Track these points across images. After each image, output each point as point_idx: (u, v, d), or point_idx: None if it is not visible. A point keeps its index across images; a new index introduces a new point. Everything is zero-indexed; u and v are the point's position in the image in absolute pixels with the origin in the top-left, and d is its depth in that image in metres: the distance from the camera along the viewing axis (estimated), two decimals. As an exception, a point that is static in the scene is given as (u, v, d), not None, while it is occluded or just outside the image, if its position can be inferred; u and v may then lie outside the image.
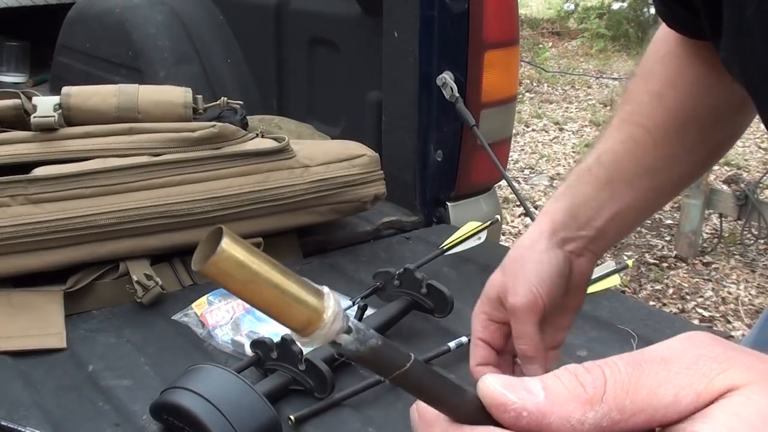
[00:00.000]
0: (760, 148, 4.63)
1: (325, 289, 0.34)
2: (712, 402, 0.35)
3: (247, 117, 1.57)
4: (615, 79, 6.18)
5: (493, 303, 0.78)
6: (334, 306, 0.34)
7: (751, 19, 0.55)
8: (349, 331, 0.34)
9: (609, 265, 1.41)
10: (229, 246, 0.32)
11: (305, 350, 1.08)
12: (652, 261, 3.40)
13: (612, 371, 0.36)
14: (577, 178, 0.80)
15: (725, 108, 0.80)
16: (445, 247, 1.45)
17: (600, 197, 0.78)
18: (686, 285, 3.22)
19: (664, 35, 0.83)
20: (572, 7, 8.22)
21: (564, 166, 4.55)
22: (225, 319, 1.23)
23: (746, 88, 0.63)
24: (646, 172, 0.79)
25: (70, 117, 1.40)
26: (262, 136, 1.50)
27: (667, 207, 3.91)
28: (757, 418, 0.34)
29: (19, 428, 0.95)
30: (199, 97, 1.48)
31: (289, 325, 0.34)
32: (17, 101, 1.38)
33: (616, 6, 7.45)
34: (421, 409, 0.42)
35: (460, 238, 1.47)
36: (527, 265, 0.76)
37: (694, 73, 0.80)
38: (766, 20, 0.54)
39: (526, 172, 4.48)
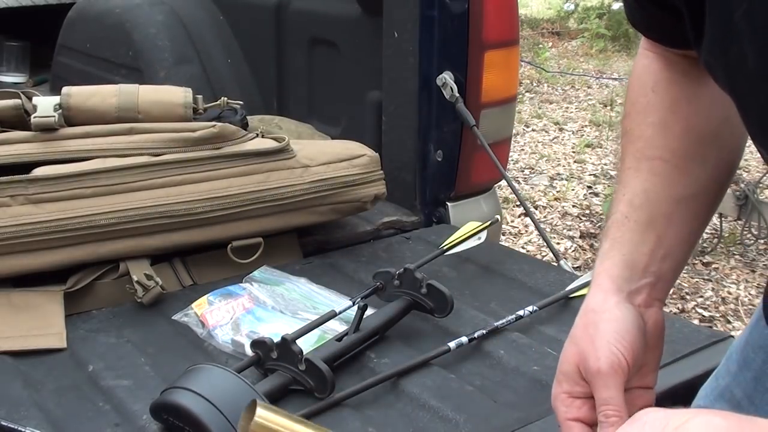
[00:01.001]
0: (760, 148, 4.62)
1: None
2: None
3: (247, 117, 1.57)
4: (615, 79, 6.18)
5: (571, 378, 0.73)
6: None
7: (739, 22, 0.54)
8: None
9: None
10: (263, 414, 0.42)
11: (305, 350, 1.08)
12: (652, 261, 3.40)
13: None
14: (618, 229, 0.77)
15: (735, 113, 0.80)
16: (445, 247, 1.45)
17: (648, 241, 0.76)
18: (686, 285, 3.22)
19: (644, 67, 0.81)
20: (572, 7, 8.22)
21: (564, 166, 4.55)
22: (225, 319, 1.23)
23: (729, 91, 0.62)
24: (681, 201, 0.77)
25: (70, 117, 1.40)
26: (262, 136, 1.50)
27: (667, 207, 3.91)
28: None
29: (19, 428, 0.95)
30: (199, 97, 1.48)
31: None
32: (17, 101, 1.38)
33: (616, 6, 7.45)
34: None
35: (460, 238, 1.47)
36: (601, 326, 0.72)
37: (689, 92, 0.79)
38: (756, 23, 0.53)
39: (526, 172, 4.48)
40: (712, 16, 0.58)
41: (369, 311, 1.20)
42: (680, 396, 0.97)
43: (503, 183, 1.88)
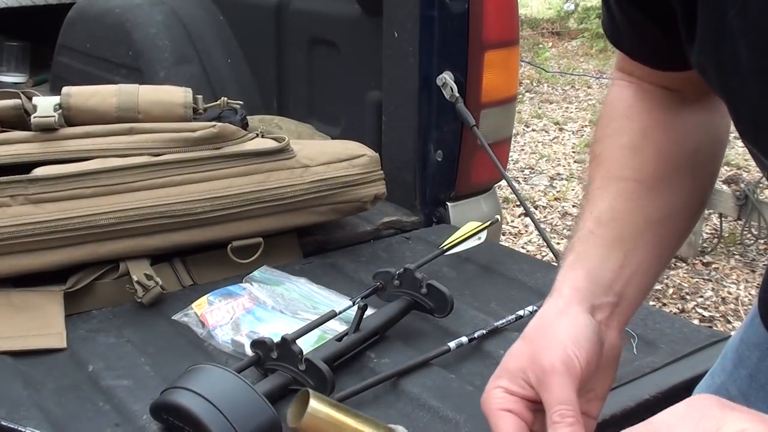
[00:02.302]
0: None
1: (400, 428, 0.43)
2: None
3: (247, 117, 1.57)
4: (615, 79, 6.18)
5: (514, 376, 0.67)
6: None
7: (733, 21, 0.54)
8: None
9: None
10: (315, 406, 0.41)
11: (305, 350, 1.08)
12: (652, 261, 3.40)
13: None
14: (583, 244, 0.74)
15: (710, 142, 0.78)
16: (445, 247, 1.45)
17: (614, 258, 0.73)
18: (686, 285, 3.22)
19: (617, 95, 0.80)
20: (572, 7, 8.22)
21: (564, 166, 4.55)
22: (225, 319, 1.23)
23: (721, 92, 0.62)
24: (651, 223, 0.74)
25: (70, 117, 1.40)
26: (262, 136, 1.50)
27: (667, 207, 3.91)
28: None
29: (19, 428, 0.95)
30: (199, 97, 1.48)
31: None
32: (17, 101, 1.38)
33: (616, 6, 7.43)
34: None
35: (460, 238, 1.47)
36: (560, 328, 0.68)
37: (663, 120, 0.77)
38: (749, 22, 0.53)
39: (526, 172, 4.48)
40: (705, 14, 0.58)
41: (369, 311, 1.20)
42: (680, 396, 0.97)
43: (503, 183, 1.88)
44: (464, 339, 1.16)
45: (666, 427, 0.45)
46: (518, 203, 3.80)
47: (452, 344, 1.15)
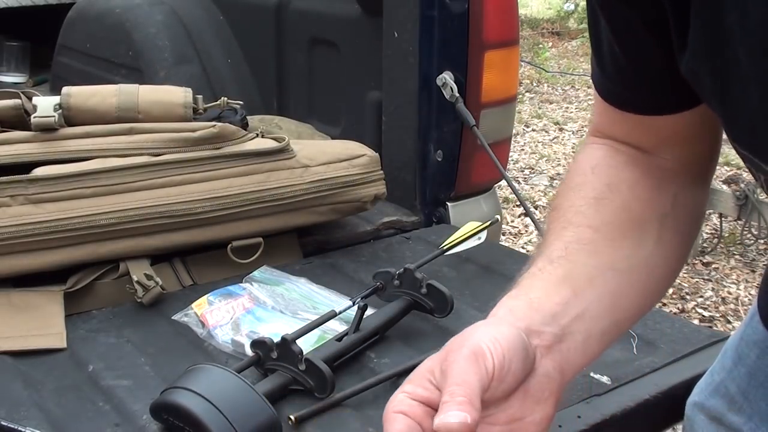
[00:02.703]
0: (760, 148, 4.62)
1: None
2: None
3: (247, 117, 1.57)
4: (615, 79, 6.18)
5: (419, 377, 0.62)
6: None
7: (733, 27, 0.54)
8: None
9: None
10: None
11: (305, 350, 1.08)
12: (652, 261, 3.40)
13: None
14: (529, 279, 0.70)
15: (683, 213, 0.75)
16: (444, 247, 1.45)
17: (561, 292, 0.67)
18: (686, 285, 3.22)
19: (587, 153, 0.78)
20: (572, 7, 8.22)
21: (564, 166, 4.55)
22: (225, 319, 1.23)
23: (714, 99, 0.60)
24: (606, 271, 0.70)
25: (70, 117, 1.40)
26: (262, 136, 1.50)
27: (667, 207, 3.91)
28: None
29: (19, 428, 0.95)
30: (199, 97, 1.48)
31: None
32: (17, 101, 1.38)
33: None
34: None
35: (460, 238, 1.47)
36: (479, 330, 0.62)
37: (631, 179, 0.74)
38: (749, 27, 0.53)
39: (526, 172, 4.48)
40: (701, 20, 0.57)
41: (369, 311, 1.20)
42: (680, 396, 0.97)
43: (503, 183, 1.88)
44: (464, 339, 1.16)
45: None
46: (518, 203, 3.80)
47: (452, 344, 1.15)
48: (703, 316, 3.01)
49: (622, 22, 0.68)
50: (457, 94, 1.67)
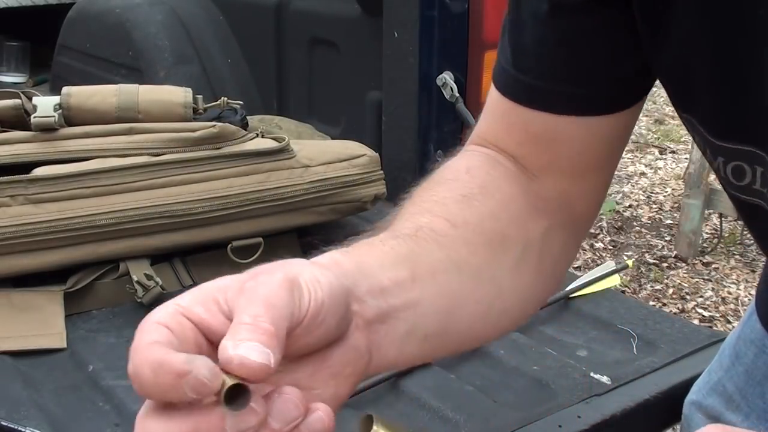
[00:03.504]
0: (760, 148, 4.62)
1: None
2: None
3: (247, 117, 1.57)
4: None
5: (203, 294, 0.49)
6: None
7: (766, 18, 0.53)
8: None
9: (609, 264, 1.41)
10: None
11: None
12: (652, 261, 3.40)
13: None
14: (366, 246, 0.58)
15: (548, 249, 0.67)
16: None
17: (398, 271, 0.57)
18: (686, 285, 3.22)
19: (464, 158, 0.70)
20: (572, 7, 8.21)
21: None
22: (225, 319, 1.23)
23: (705, 95, 0.59)
24: (455, 271, 0.60)
25: (70, 117, 1.40)
26: (262, 136, 1.50)
27: (667, 207, 3.91)
28: None
29: (19, 428, 0.95)
30: (199, 97, 1.48)
31: None
32: (17, 101, 1.38)
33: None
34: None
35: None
36: (300, 264, 0.50)
37: (507, 191, 0.66)
38: None
39: (526, 172, 4.48)
40: (711, 12, 0.55)
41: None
42: (680, 396, 0.97)
43: (503, 183, 1.88)
44: (464, 339, 1.16)
45: None
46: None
47: (452, 344, 1.15)
48: (703, 316, 3.01)
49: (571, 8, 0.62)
50: (457, 94, 1.67)
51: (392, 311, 0.55)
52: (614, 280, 1.39)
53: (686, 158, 3.98)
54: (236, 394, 0.42)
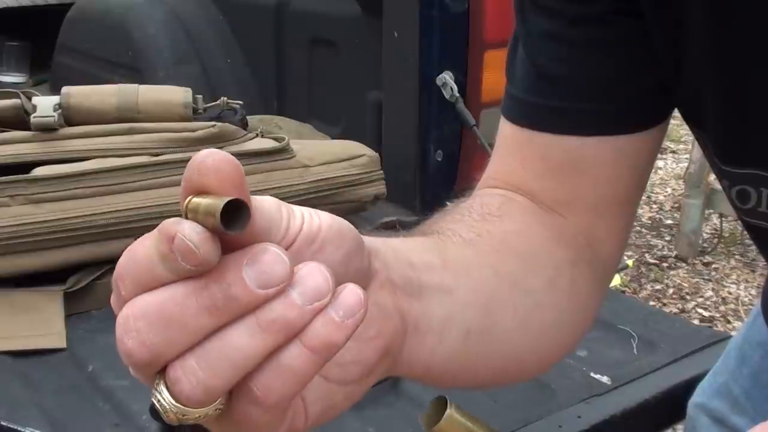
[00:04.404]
0: (760, 148, 4.62)
1: None
2: None
3: (247, 117, 1.57)
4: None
5: None
6: None
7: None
8: None
9: None
10: (453, 414, 0.38)
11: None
12: (652, 261, 3.40)
13: None
14: (387, 238, 0.52)
15: (579, 280, 0.62)
16: None
17: (428, 257, 0.51)
18: (686, 285, 3.22)
19: (477, 198, 0.65)
20: (572, 7, 8.21)
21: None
22: (225, 319, 1.23)
23: (716, 116, 0.57)
24: (490, 269, 0.55)
25: (70, 117, 1.40)
26: (262, 136, 1.50)
27: (667, 207, 3.91)
28: None
29: (19, 428, 0.95)
30: (199, 97, 1.48)
31: None
32: (17, 101, 1.38)
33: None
34: None
35: None
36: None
37: (528, 221, 0.62)
38: None
39: (526, 172, 4.48)
40: (752, 26, 0.53)
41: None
42: (680, 396, 0.97)
43: (503, 183, 1.88)
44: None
45: None
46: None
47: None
48: (703, 316, 3.01)
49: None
50: (457, 94, 1.67)
51: (424, 288, 0.48)
52: (614, 280, 1.39)
53: (686, 158, 3.98)
54: (234, 218, 0.34)
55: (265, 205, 0.38)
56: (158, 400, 0.37)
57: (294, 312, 0.35)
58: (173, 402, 0.36)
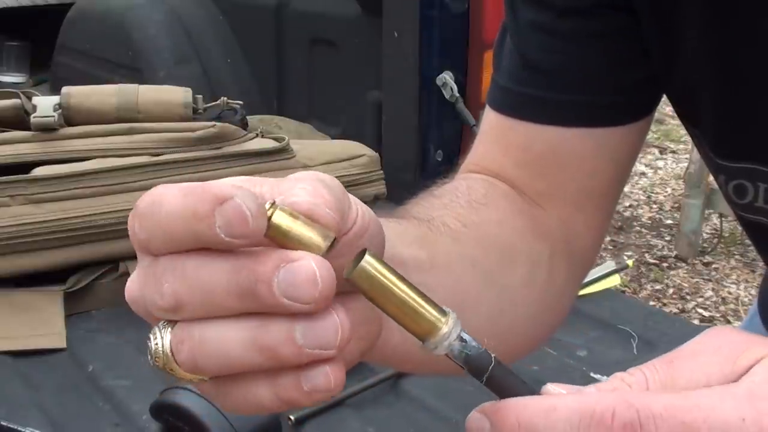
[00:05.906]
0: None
1: (449, 310, 0.37)
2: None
3: (247, 117, 1.57)
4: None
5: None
6: (453, 320, 0.37)
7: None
8: (462, 341, 0.38)
9: (609, 265, 1.41)
10: (372, 260, 0.34)
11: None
12: (652, 261, 3.40)
13: (651, 371, 0.40)
14: (383, 219, 0.45)
15: (556, 274, 0.62)
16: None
17: (417, 251, 0.51)
18: (686, 285, 3.22)
19: (462, 180, 0.65)
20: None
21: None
22: (225, 319, 1.23)
23: (711, 111, 0.57)
24: (470, 265, 0.55)
25: (70, 117, 1.40)
26: (262, 136, 1.50)
27: (667, 207, 3.91)
28: None
29: (19, 428, 0.95)
30: (199, 97, 1.48)
31: (413, 331, 0.37)
32: (17, 101, 1.38)
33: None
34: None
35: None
36: None
37: (509, 207, 0.62)
38: None
39: (526, 172, 4.48)
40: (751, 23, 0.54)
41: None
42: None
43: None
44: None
45: (689, 355, 0.41)
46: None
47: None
48: (703, 316, 3.01)
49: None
50: (457, 94, 1.67)
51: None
52: (614, 280, 1.39)
53: (686, 158, 3.98)
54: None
55: (338, 193, 0.37)
56: (155, 344, 0.37)
57: (290, 349, 0.35)
58: (169, 354, 0.37)
